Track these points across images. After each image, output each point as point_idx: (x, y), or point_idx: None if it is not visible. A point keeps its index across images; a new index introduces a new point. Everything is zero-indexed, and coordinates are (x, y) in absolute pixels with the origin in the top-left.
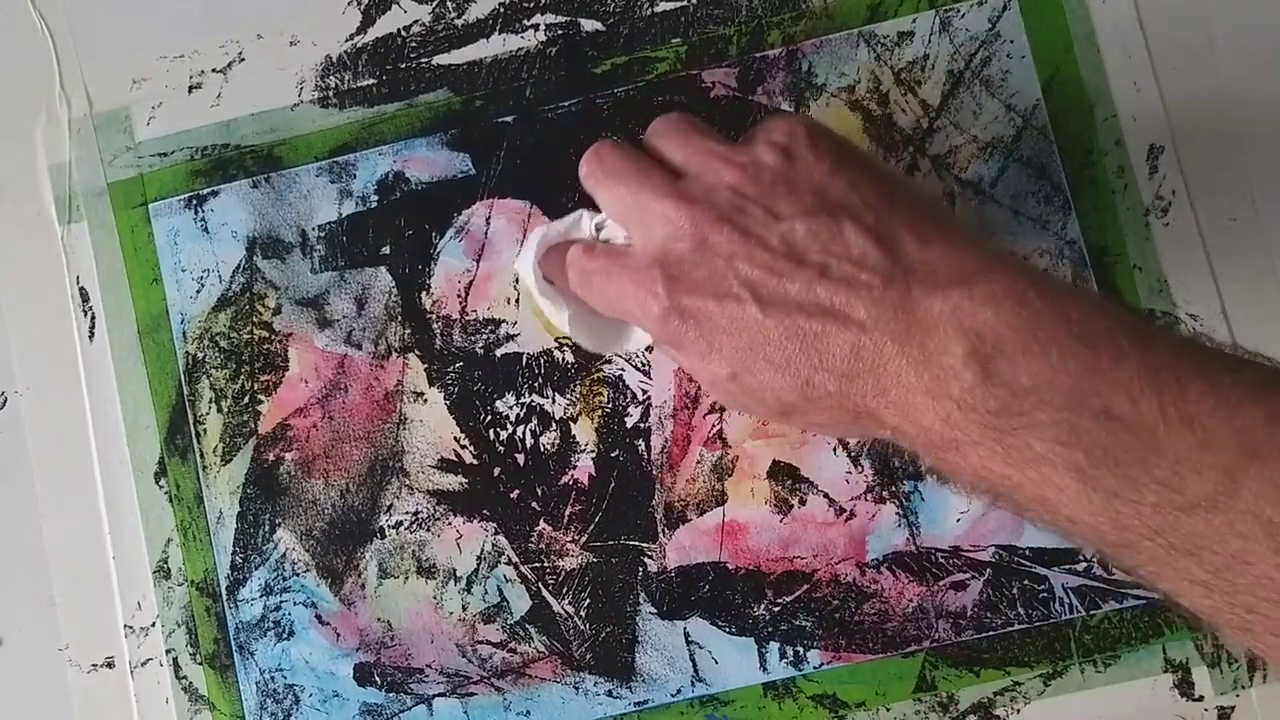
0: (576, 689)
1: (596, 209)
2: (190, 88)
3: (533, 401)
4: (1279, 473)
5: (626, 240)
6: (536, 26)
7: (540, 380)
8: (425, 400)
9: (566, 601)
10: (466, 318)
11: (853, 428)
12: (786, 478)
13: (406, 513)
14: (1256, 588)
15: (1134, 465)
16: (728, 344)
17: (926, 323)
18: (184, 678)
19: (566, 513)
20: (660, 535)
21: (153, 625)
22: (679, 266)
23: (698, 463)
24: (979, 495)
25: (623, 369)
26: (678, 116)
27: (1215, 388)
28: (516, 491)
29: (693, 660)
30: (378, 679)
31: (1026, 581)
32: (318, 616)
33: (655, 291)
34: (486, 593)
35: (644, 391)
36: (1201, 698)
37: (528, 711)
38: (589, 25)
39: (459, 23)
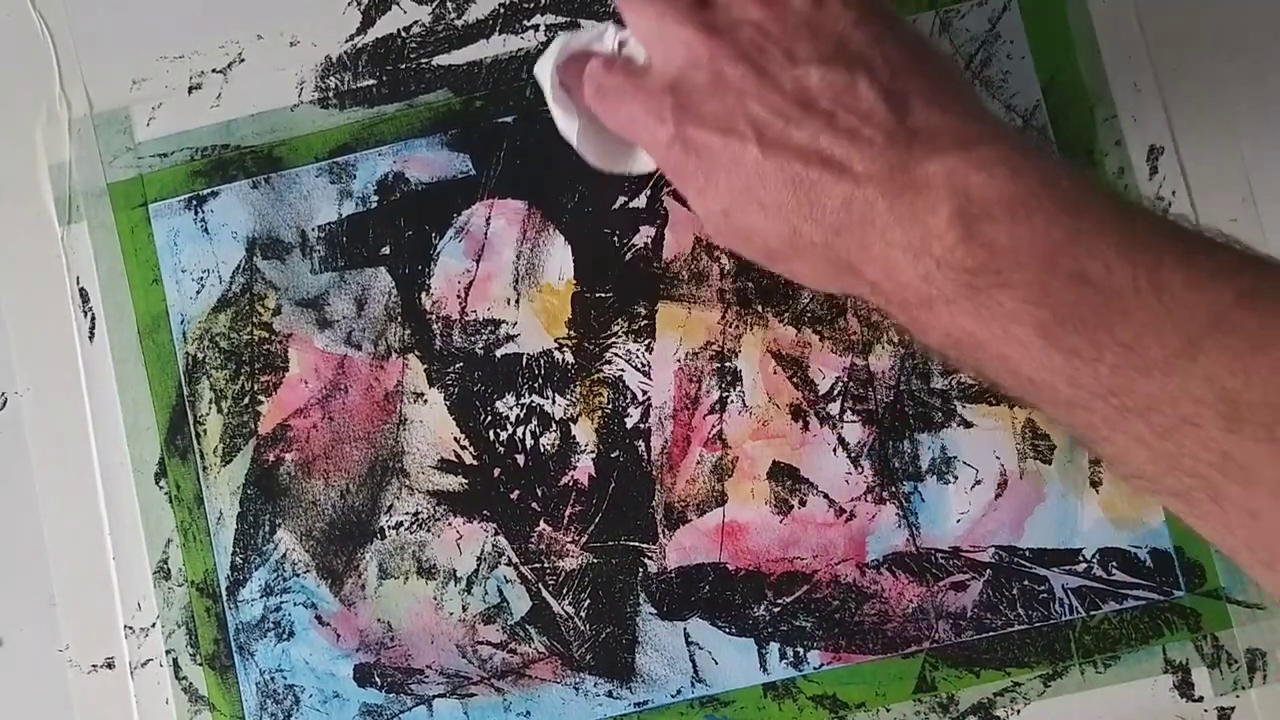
0: (576, 689)
1: (623, 25)
2: (190, 88)
3: (533, 402)
4: (1240, 343)
5: (647, 61)
6: (536, 27)
7: (540, 381)
8: (425, 401)
9: (566, 602)
10: (466, 318)
11: (834, 280)
12: (786, 478)
13: (406, 513)
14: (1200, 450)
15: (1098, 327)
16: (724, 180)
17: (920, 182)
18: (184, 678)
19: (566, 513)
20: (660, 536)
21: (153, 626)
22: (690, 96)
23: (698, 463)
24: (944, 354)
25: (623, 370)
26: None
27: (1189, 262)
28: (516, 492)
29: (693, 661)
30: (378, 679)
31: (1026, 582)
32: (318, 617)
33: (664, 118)
34: (486, 593)
35: (644, 392)
36: (1201, 698)
37: (528, 712)
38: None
39: (459, 23)
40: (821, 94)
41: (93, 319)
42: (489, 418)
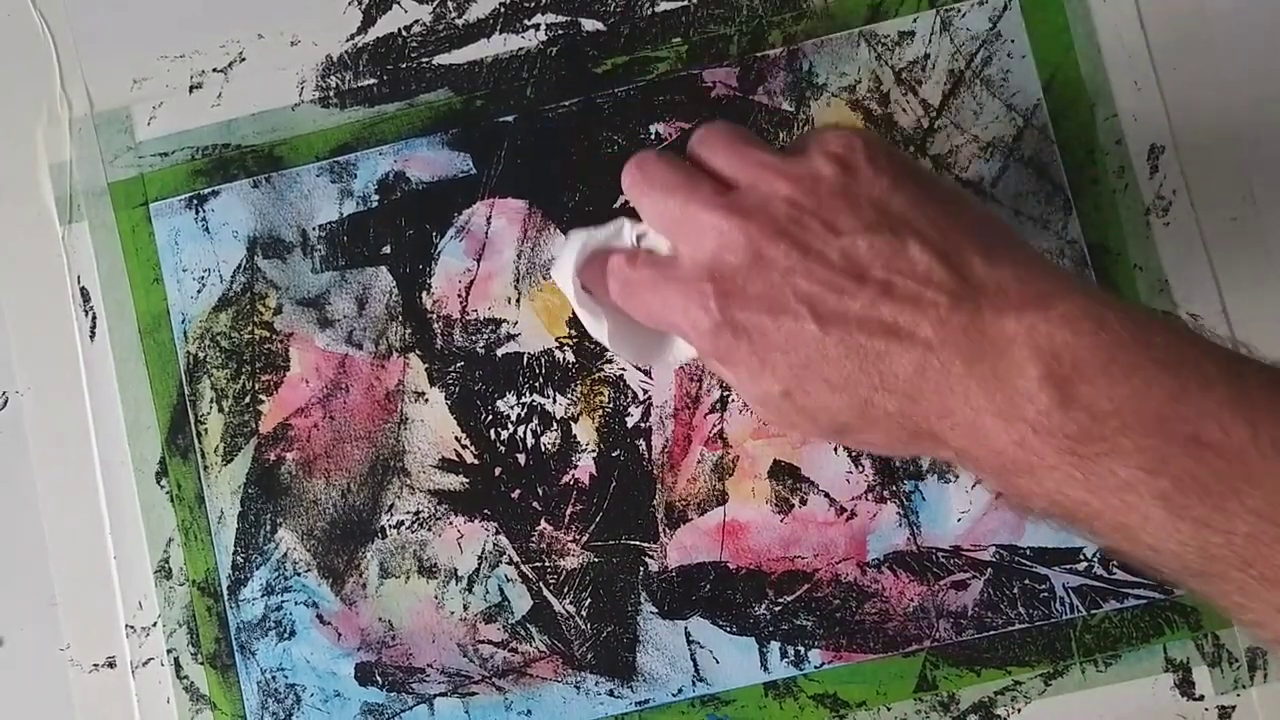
0: (578, 688)
1: (636, 219)
2: (191, 87)
3: (534, 401)
4: None
5: (672, 251)
6: (537, 26)
7: (541, 380)
8: (426, 400)
9: (568, 601)
10: (467, 317)
11: (909, 447)
12: (787, 477)
13: (407, 512)
14: None
15: (1226, 494)
16: (782, 361)
17: (999, 343)
18: (185, 677)
19: (567, 512)
20: (661, 535)
21: (154, 625)
22: (732, 280)
23: (698, 462)
24: (1050, 520)
25: (624, 369)
26: (724, 125)
27: None
28: (517, 491)
29: (694, 660)
30: (379, 679)
31: (1027, 581)
32: (319, 616)
33: (706, 305)
34: (488, 592)
35: (645, 391)
36: (1202, 697)
37: (529, 711)
38: (590, 25)
39: (460, 22)
40: (872, 262)
41: (93, 318)
42: (490, 417)
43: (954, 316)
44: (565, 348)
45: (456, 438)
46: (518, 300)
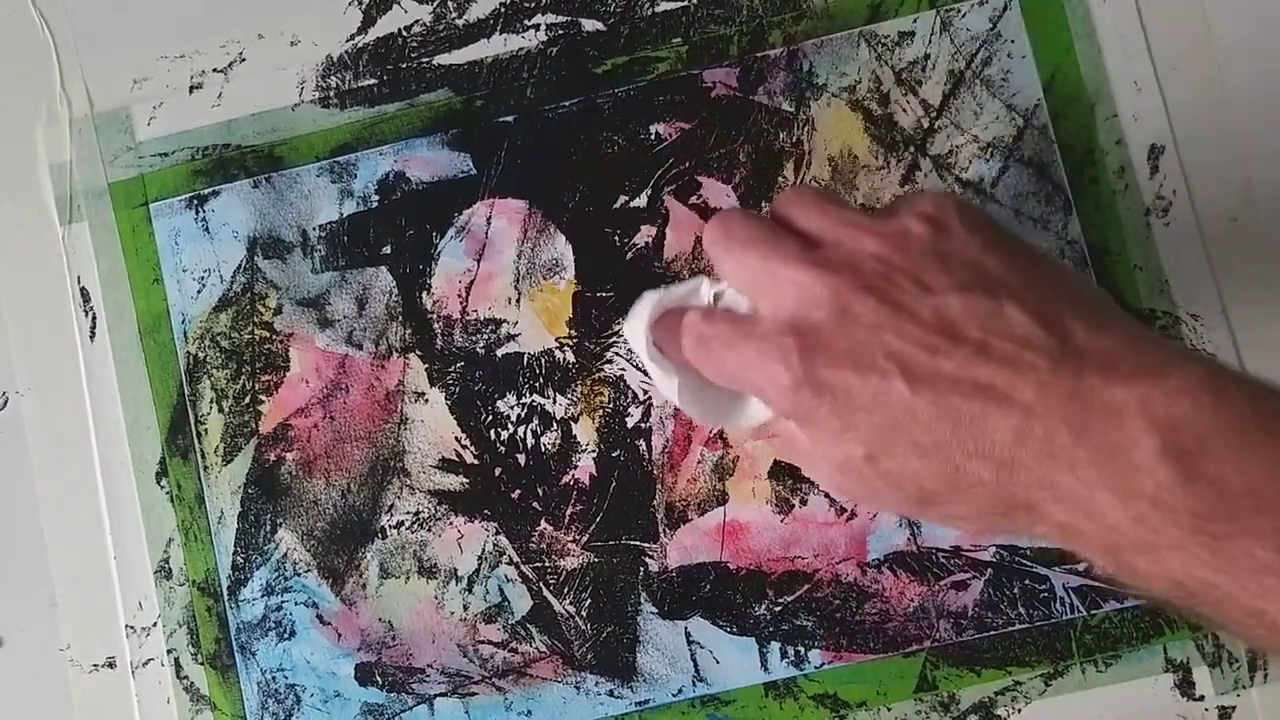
0: (578, 689)
1: (716, 278)
2: (191, 88)
3: (534, 401)
4: None
5: (751, 308)
6: (537, 26)
7: (541, 380)
8: (426, 400)
9: (568, 601)
10: (467, 318)
11: (1003, 521)
12: (787, 477)
13: (407, 513)
14: None
15: None
16: (866, 422)
17: (1108, 412)
18: (185, 678)
19: (567, 513)
20: (661, 535)
21: (154, 625)
22: (816, 335)
23: (699, 462)
24: (1169, 600)
25: (623, 369)
26: (809, 188)
27: None
28: (517, 491)
29: (694, 660)
30: (379, 679)
31: (1027, 581)
32: (319, 616)
33: (788, 360)
34: (488, 593)
35: (645, 391)
36: (1202, 697)
37: (529, 711)
38: (590, 25)
39: (460, 23)
40: (967, 322)
41: (94, 318)
42: (490, 417)
43: (1056, 381)
44: (565, 348)
45: (456, 438)
46: (518, 300)
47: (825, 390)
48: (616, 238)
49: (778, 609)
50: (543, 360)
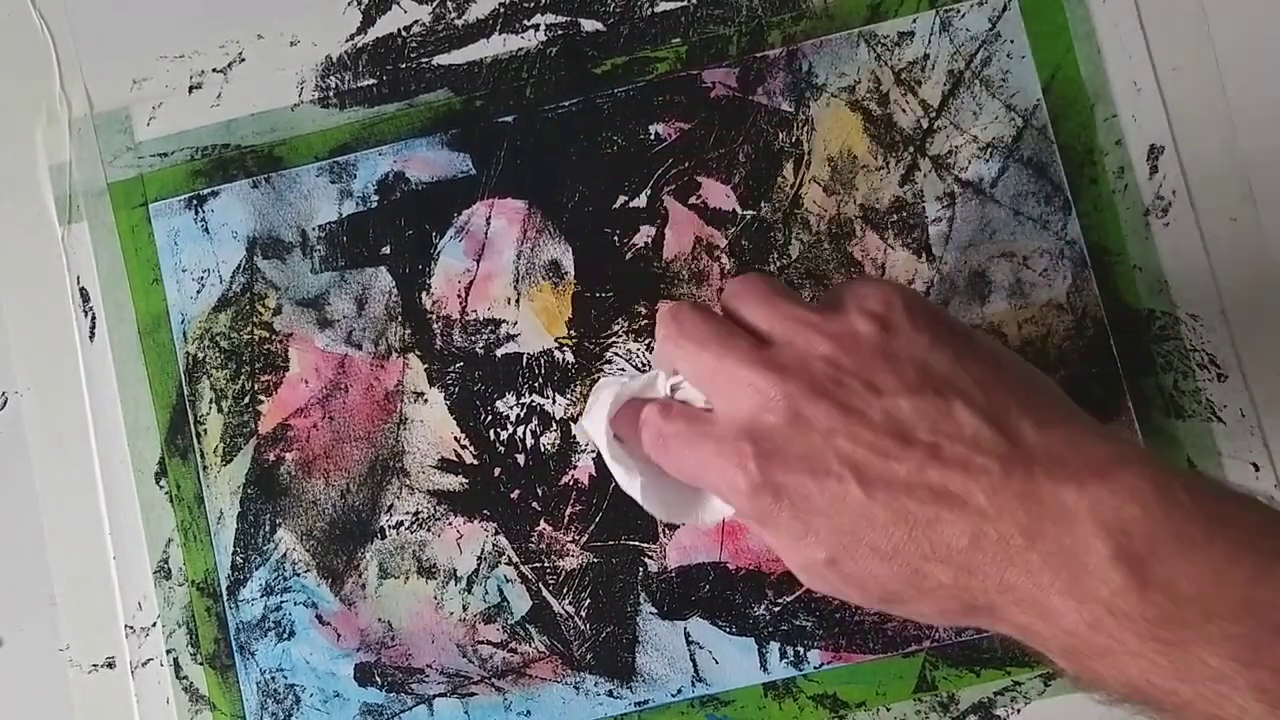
0: (577, 689)
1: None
2: (190, 88)
3: (533, 401)
4: None
5: (706, 405)
6: (536, 26)
7: (541, 380)
8: (425, 400)
9: (567, 601)
10: (467, 318)
11: (964, 620)
12: None
13: (407, 513)
14: None
15: None
16: (825, 526)
17: (1060, 515)
18: (185, 678)
19: (567, 513)
20: (661, 535)
21: (153, 625)
22: (771, 440)
23: None
24: (1126, 705)
25: (623, 369)
26: (758, 278)
27: None
28: (517, 492)
29: (693, 660)
30: (378, 679)
31: None
32: (318, 616)
33: (745, 466)
34: (487, 593)
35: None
36: None
37: (528, 712)
38: (589, 25)
39: (459, 23)
40: (917, 424)
41: (93, 319)
42: (489, 417)
43: (1008, 484)
44: (565, 348)
45: (456, 438)
46: (517, 300)
47: (783, 495)
48: (616, 238)
49: (777, 609)
50: (542, 360)
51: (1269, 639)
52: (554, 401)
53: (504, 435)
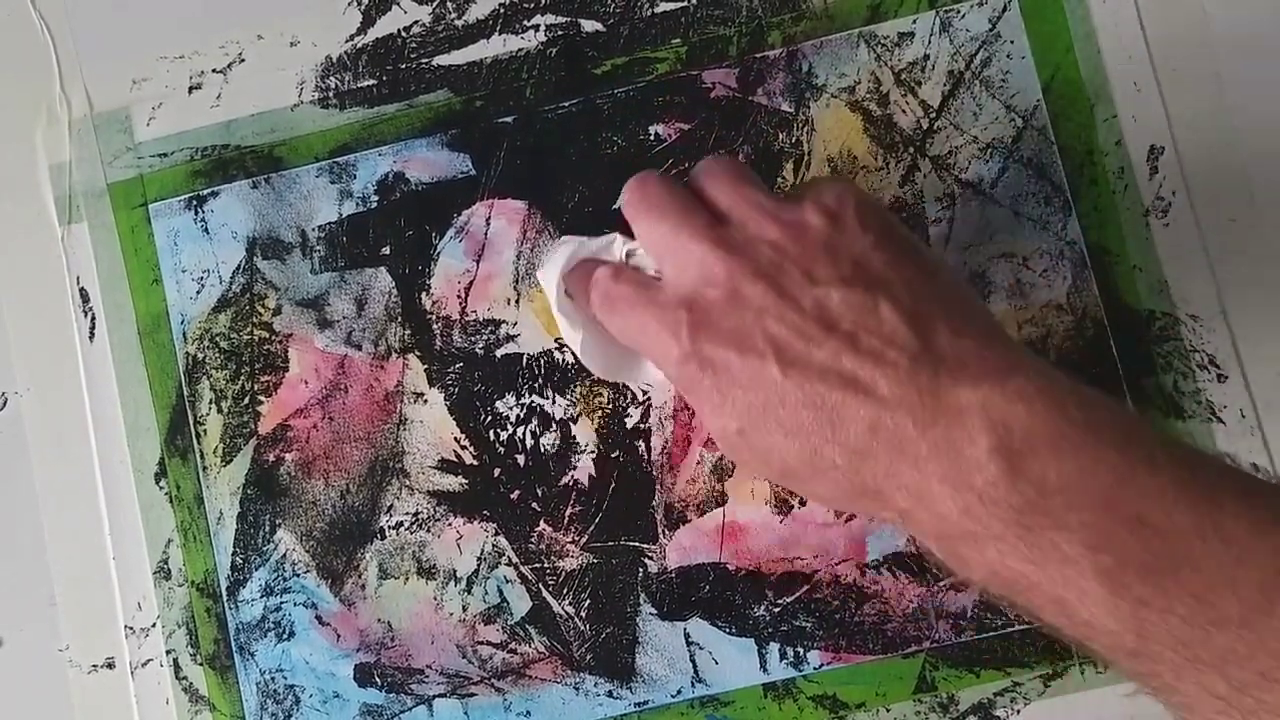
0: (577, 689)
1: (630, 236)
2: (190, 88)
3: (533, 402)
4: None
5: (656, 273)
6: (536, 27)
7: (540, 381)
8: (425, 401)
9: (567, 602)
10: (466, 318)
11: (856, 504)
12: None
13: (407, 513)
14: None
15: (1166, 575)
16: (741, 399)
17: (952, 410)
18: (184, 678)
19: (567, 513)
20: (660, 536)
21: (153, 626)
22: (707, 313)
23: (698, 463)
24: (987, 589)
25: None
26: (728, 161)
27: (1251, 506)
28: (517, 492)
29: (693, 661)
30: (378, 680)
31: None
32: (318, 617)
33: (679, 334)
34: (487, 593)
35: (644, 392)
36: None
37: (528, 712)
38: (589, 26)
39: (459, 23)
40: (842, 315)
41: (93, 319)
42: (489, 418)
43: (912, 379)
44: (564, 348)
45: (456, 439)
46: (517, 301)
47: (708, 365)
48: None
49: (777, 610)
50: (542, 361)
51: (1121, 530)
52: (554, 402)
53: (504, 436)
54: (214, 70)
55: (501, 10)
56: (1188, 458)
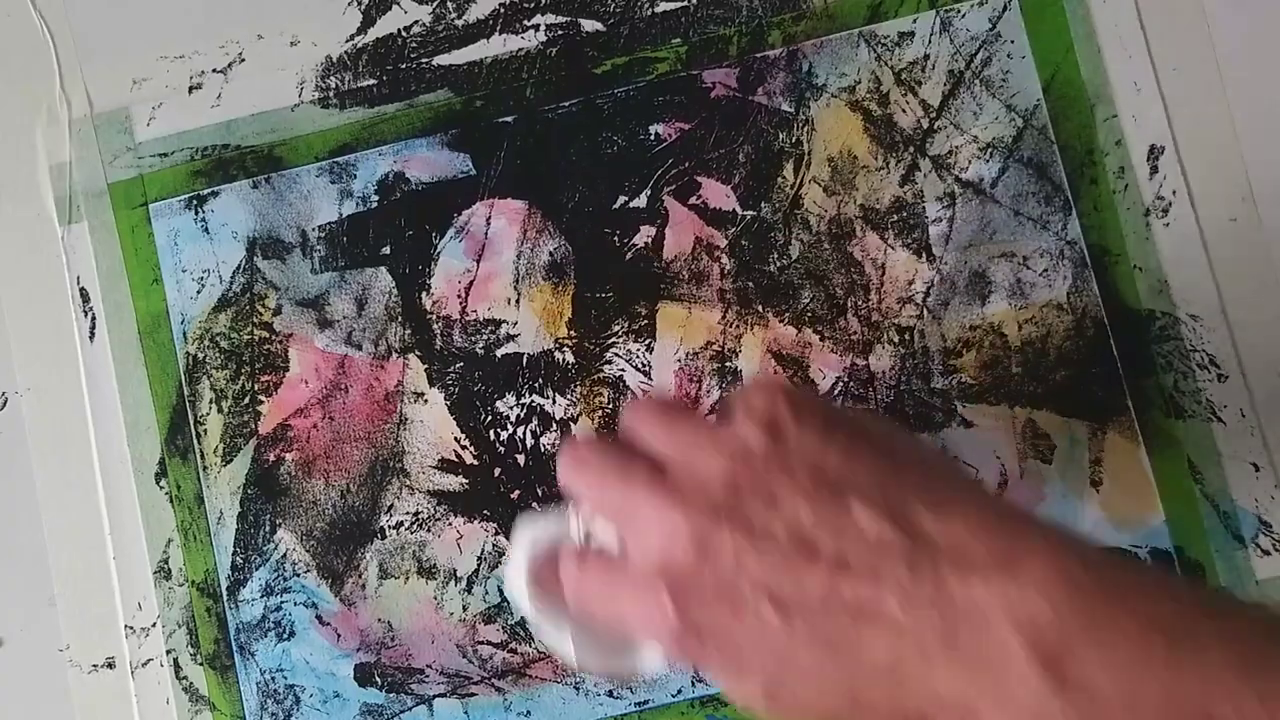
0: (577, 689)
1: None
2: (190, 88)
3: (533, 402)
4: None
5: (622, 544)
6: (537, 27)
7: (540, 381)
8: (425, 401)
9: None
10: (467, 318)
11: None
12: None
13: (407, 513)
14: None
15: None
16: (754, 661)
17: (972, 617)
18: (184, 678)
19: None
20: None
21: (153, 625)
22: (684, 577)
23: None
24: None
25: (623, 369)
26: (650, 402)
27: None
28: (517, 492)
29: None
30: (378, 679)
31: None
32: (318, 617)
33: (664, 610)
34: (487, 593)
35: (644, 392)
36: None
37: (528, 712)
38: (589, 25)
39: (459, 23)
40: (819, 534)
41: (93, 319)
42: (489, 417)
43: (917, 589)
44: (565, 348)
45: (456, 438)
46: (517, 301)
47: (707, 635)
48: (616, 238)
49: None
50: (542, 361)
51: None
52: (554, 402)
53: (504, 435)
54: (214, 70)
55: (501, 10)
56: (1229, 623)
